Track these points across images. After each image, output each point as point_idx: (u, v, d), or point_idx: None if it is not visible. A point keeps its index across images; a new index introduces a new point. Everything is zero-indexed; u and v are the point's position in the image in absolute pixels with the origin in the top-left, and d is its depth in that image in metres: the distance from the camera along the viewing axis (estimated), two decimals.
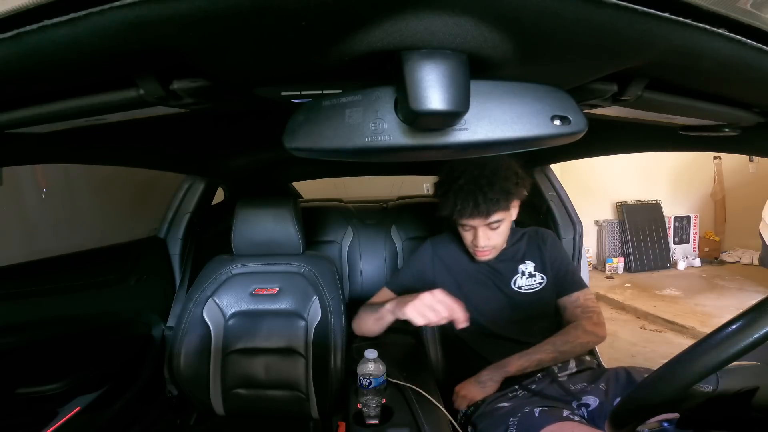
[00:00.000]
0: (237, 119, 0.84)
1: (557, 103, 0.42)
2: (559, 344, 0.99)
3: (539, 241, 1.12)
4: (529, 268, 1.08)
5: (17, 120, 0.50)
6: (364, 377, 0.90)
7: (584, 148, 1.22)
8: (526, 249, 1.11)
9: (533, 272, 1.08)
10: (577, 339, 0.99)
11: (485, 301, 1.07)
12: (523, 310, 1.06)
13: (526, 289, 1.07)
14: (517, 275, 1.08)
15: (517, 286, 1.07)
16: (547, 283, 1.08)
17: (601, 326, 1.03)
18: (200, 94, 0.47)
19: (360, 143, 0.40)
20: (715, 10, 0.29)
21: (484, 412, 0.96)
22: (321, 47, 0.35)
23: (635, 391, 0.52)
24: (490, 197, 0.93)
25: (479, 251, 1.03)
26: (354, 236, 1.88)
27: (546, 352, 0.98)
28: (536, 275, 1.08)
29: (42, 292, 1.04)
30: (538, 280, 1.08)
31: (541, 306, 1.07)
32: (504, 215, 0.99)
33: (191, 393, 1.15)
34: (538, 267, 1.09)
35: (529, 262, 1.09)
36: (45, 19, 0.27)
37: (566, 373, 1.00)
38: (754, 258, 4.62)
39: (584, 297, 1.07)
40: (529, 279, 1.08)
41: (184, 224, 1.39)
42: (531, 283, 1.07)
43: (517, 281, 1.08)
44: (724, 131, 0.69)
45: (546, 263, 1.09)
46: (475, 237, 1.01)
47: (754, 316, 0.42)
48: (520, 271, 1.08)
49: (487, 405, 0.97)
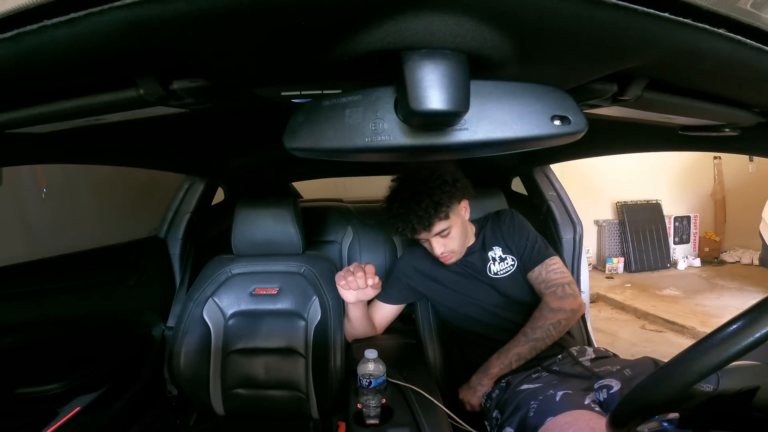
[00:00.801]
0: (237, 119, 0.84)
1: (557, 103, 0.42)
2: (530, 333, 0.98)
3: (499, 223, 1.14)
4: (498, 253, 1.10)
5: (17, 120, 0.50)
6: (364, 377, 0.90)
7: (584, 148, 1.22)
8: (489, 236, 1.13)
9: (503, 255, 1.10)
10: (545, 321, 0.97)
11: (473, 291, 1.09)
12: (508, 294, 1.07)
13: (502, 274, 1.09)
14: (489, 263, 1.10)
15: (493, 273, 1.09)
16: (518, 264, 1.09)
17: (569, 298, 0.99)
18: (200, 94, 0.47)
19: (360, 143, 0.40)
20: (715, 10, 0.29)
21: (509, 396, 0.93)
22: (321, 47, 0.35)
23: (635, 391, 0.52)
24: (420, 215, 0.97)
25: (441, 258, 1.05)
26: (354, 236, 1.88)
27: (521, 345, 0.98)
28: (506, 258, 1.10)
29: (42, 292, 1.04)
30: (509, 262, 1.09)
31: (523, 287, 1.09)
32: (447, 223, 1.01)
33: (191, 393, 1.15)
34: (505, 250, 1.10)
35: (496, 248, 1.11)
36: (45, 19, 0.27)
37: (585, 358, 0.98)
38: (754, 258, 4.62)
39: (546, 270, 1.04)
40: (501, 263, 1.09)
41: (184, 224, 1.39)
42: (504, 266, 1.09)
43: (491, 268, 1.09)
44: (724, 131, 0.69)
45: (510, 245, 1.11)
46: (431, 247, 1.04)
47: (754, 316, 0.42)
48: (490, 258, 1.10)
49: (512, 389, 0.95)
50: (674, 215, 4.87)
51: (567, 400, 0.80)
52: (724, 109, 0.58)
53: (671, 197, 4.96)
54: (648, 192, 4.86)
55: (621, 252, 4.71)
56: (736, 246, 4.93)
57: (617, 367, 0.90)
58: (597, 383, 0.87)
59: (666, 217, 4.81)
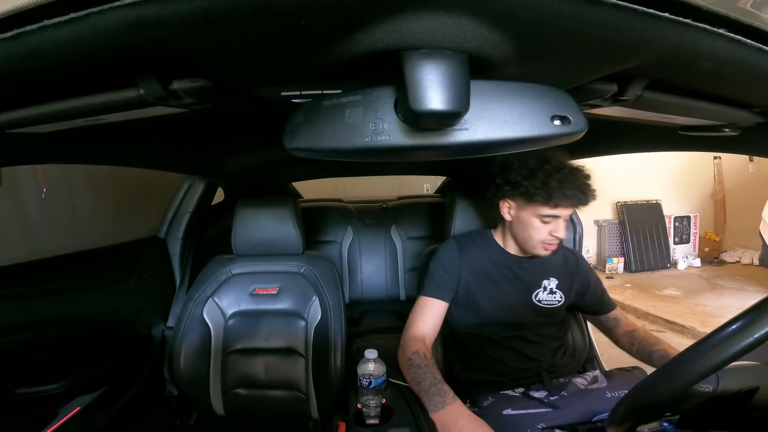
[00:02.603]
0: (237, 119, 0.84)
1: (557, 103, 0.42)
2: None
3: (572, 260, 1.11)
4: (552, 285, 1.07)
5: (17, 120, 0.50)
6: (364, 377, 0.90)
7: (584, 148, 1.21)
8: (555, 264, 1.09)
9: (554, 289, 1.07)
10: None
11: (504, 306, 1.05)
12: (537, 319, 1.06)
13: (545, 304, 1.06)
14: (539, 289, 1.06)
15: (537, 300, 1.06)
16: (564, 302, 1.08)
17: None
18: (200, 94, 0.47)
19: (360, 143, 0.40)
20: (715, 10, 0.29)
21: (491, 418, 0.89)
22: (321, 47, 0.35)
23: (635, 391, 0.52)
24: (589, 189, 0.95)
25: (550, 244, 0.99)
26: (354, 236, 1.88)
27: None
28: (556, 293, 1.07)
29: (42, 292, 1.04)
30: (557, 297, 1.07)
31: (553, 318, 1.08)
32: None
33: (191, 393, 1.15)
34: (560, 285, 1.07)
35: (553, 279, 1.07)
36: (45, 19, 0.27)
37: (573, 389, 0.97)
38: (754, 258, 4.62)
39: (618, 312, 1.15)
40: (550, 295, 1.07)
41: (184, 224, 1.39)
42: (550, 299, 1.07)
43: (539, 295, 1.06)
44: (724, 131, 0.69)
45: (571, 285, 1.09)
46: (556, 229, 0.97)
47: (754, 316, 0.42)
48: (542, 285, 1.07)
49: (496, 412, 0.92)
50: (674, 215, 4.87)
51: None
52: (724, 109, 0.58)
53: (671, 197, 4.96)
54: (648, 192, 4.86)
55: (621, 252, 4.71)
56: (736, 246, 4.93)
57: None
58: (596, 417, 0.87)
59: (666, 217, 4.81)
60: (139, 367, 1.21)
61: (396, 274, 1.88)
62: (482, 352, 1.06)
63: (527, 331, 1.05)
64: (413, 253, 1.85)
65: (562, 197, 0.92)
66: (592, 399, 0.90)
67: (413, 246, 1.86)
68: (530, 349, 1.04)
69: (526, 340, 1.04)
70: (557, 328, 1.10)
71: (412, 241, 1.88)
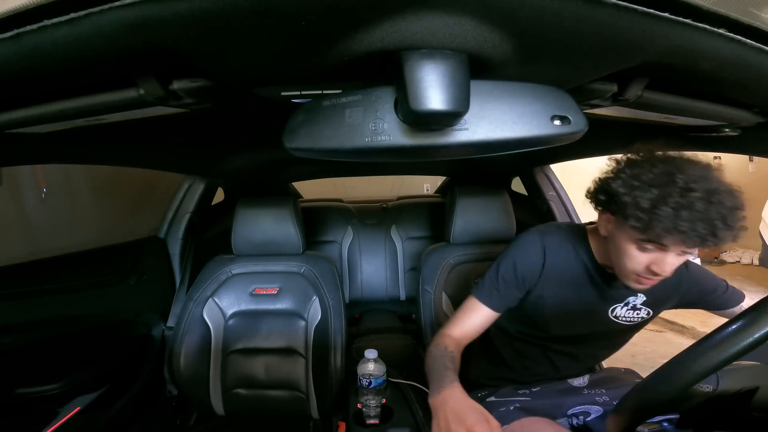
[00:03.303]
0: (237, 119, 0.84)
1: (557, 103, 0.42)
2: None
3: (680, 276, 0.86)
4: (638, 301, 0.87)
5: (17, 120, 0.50)
6: (364, 377, 0.90)
7: (584, 148, 1.22)
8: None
9: (639, 306, 0.87)
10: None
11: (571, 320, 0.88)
12: (603, 338, 0.92)
13: (622, 320, 0.88)
14: (619, 304, 0.87)
15: (614, 315, 0.88)
16: (650, 317, 0.90)
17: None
18: (200, 94, 0.47)
19: (360, 143, 0.40)
20: (715, 10, 0.29)
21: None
22: (321, 47, 0.35)
23: (635, 391, 0.52)
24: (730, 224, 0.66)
25: (647, 279, 0.73)
26: (354, 236, 1.88)
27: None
28: (641, 309, 0.88)
29: (42, 292, 1.04)
30: (641, 314, 0.88)
31: (625, 336, 0.94)
32: None
33: (191, 393, 1.15)
34: (648, 301, 0.87)
35: (641, 295, 0.86)
36: (45, 19, 0.27)
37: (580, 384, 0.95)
38: (754, 258, 4.61)
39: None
40: (631, 311, 0.88)
41: (184, 224, 1.39)
42: (631, 315, 0.88)
43: (616, 310, 0.87)
44: (724, 131, 0.70)
45: (668, 299, 0.89)
46: (661, 264, 0.70)
47: (754, 316, 0.42)
48: (625, 300, 0.87)
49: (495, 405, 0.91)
50: None
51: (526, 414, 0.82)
52: (724, 109, 0.58)
53: None
54: None
55: None
56: (736, 246, 4.93)
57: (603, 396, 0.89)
58: (571, 410, 0.87)
59: None
60: (139, 367, 1.21)
61: (396, 274, 1.88)
62: (511, 356, 0.95)
63: (579, 348, 0.92)
64: (413, 253, 1.85)
65: (669, 231, 0.64)
66: (570, 395, 0.90)
67: (413, 246, 1.86)
68: (568, 364, 0.93)
69: (571, 357, 0.93)
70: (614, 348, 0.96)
71: (412, 241, 1.87)
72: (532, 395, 0.91)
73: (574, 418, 0.87)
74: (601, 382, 0.93)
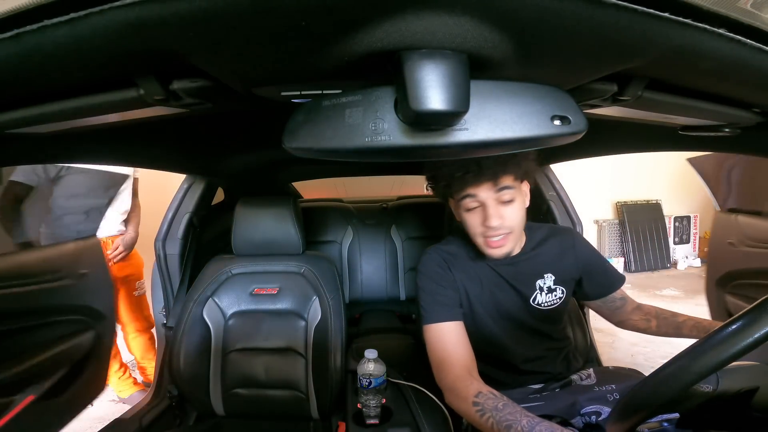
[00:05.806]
0: (237, 119, 0.84)
1: (557, 103, 0.42)
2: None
3: (567, 240, 0.96)
4: (548, 282, 0.94)
5: (17, 120, 0.50)
6: (364, 377, 0.90)
7: (584, 148, 1.22)
8: (546, 255, 0.95)
9: (552, 286, 0.94)
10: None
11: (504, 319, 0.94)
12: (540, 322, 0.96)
13: (545, 306, 0.94)
14: (536, 292, 0.93)
15: (536, 303, 0.94)
16: (567, 296, 0.96)
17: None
18: (200, 94, 0.47)
19: (360, 143, 0.40)
20: (715, 10, 0.29)
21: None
22: (321, 47, 0.35)
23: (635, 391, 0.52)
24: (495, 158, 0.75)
25: (492, 239, 0.81)
26: (354, 236, 1.88)
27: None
28: (556, 289, 0.94)
29: None
30: (558, 294, 0.95)
31: (558, 318, 0.99)
32: (516, 186, 0.82)
33: (191, 393, 1.15)
34: (558, 279, 0.94)
35: (549, 275, 0.94)
36: (45, 19, 0.27)
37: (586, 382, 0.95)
38: None
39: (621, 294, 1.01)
40: (549, 294, 0.94)
41: (184, 224, 1.39)
42: (551, 299, 0.95)
43: (537, 298, 0.94)
44: (724, 131, 0.70)
45: (570, 272, 0.96)
46: (485, 216, 0.80)
47: (754, 316, 0.42)
48: (538, 287, 0.93)
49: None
50: (674, 215, 4.87)
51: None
52: (724, 109, 0.58)
53: (671, 197, 4.96)
54: (648, 192, 4.86)
55: (621, 252, 4.71)
56: None
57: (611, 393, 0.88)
58: (584, 409, 0.86)
59: (666, 217, 4.81)
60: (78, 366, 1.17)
61: (396, 274, 1.89)
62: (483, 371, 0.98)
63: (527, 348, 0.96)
64: (413, 253, 1.85)
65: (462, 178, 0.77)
66: (581, 393, 0.89)
67: (413, 246, 1.86)
68: (533, 366, 0.96)
69: (531, 361, 0.97)
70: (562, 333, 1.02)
71: (412, 241, 1.88)
72: (543, 399, 0.91)
73: (586, 417, 0.87)
74: (610, 378, 0.94)
